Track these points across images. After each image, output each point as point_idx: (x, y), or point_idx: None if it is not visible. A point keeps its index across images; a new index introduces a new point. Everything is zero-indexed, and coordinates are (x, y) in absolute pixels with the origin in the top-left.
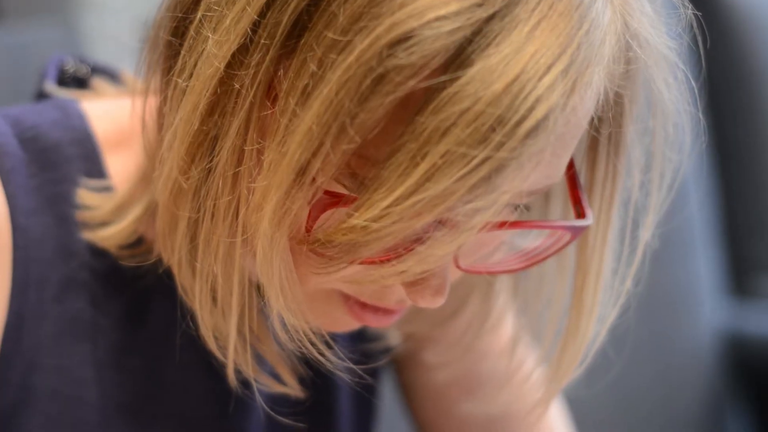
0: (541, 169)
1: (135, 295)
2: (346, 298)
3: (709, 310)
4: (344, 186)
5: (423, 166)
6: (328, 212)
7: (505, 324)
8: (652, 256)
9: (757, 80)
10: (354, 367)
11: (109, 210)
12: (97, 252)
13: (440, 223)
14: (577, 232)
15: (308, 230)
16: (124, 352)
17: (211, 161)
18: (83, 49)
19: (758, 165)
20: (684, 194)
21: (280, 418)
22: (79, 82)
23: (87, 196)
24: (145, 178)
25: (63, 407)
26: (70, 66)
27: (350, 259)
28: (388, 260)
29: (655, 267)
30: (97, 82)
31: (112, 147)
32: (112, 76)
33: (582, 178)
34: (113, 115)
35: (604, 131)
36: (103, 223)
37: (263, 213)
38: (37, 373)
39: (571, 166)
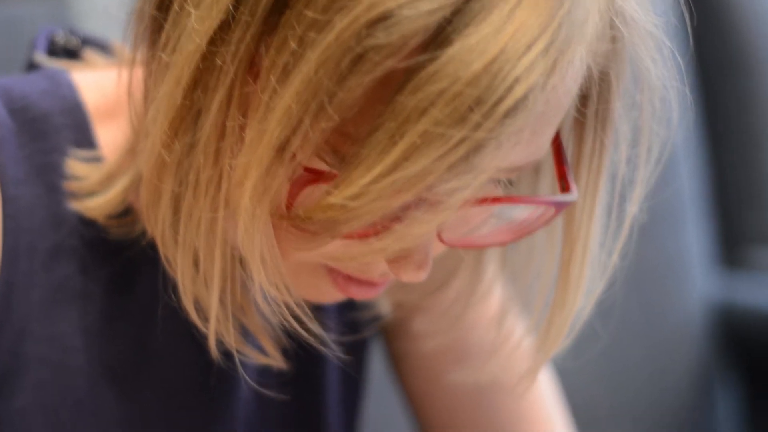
0: (521, 147)
1: (123, 263)
2: (331, 271)
3: (699, 281)
4: (326, 162)
5: (401, 146)
6: (309, 189)
7: (494, 294)
8: (641, 229)
9: (747, 54)
10: (340, 339)
11: (97, 180)
12: (86, 221)
13: (419, 202)
14: (560, 206)
15: (288, 207)
16: (112, 319)
17: (193, 136)
18: (75, 23)
19: (749, 137)
20: (673, 167)
21: (264, 390)
22: (70, 54)
23: (76, 166)
24: (133, 149)
25: (53, 374)
26: (61, 37)
27: (330, 236)
28: (368, 237)
29: (644, 240)
30: (88, 53)
31: (102, 117)
32: (103, 48)
33: (569, 153)
34: (103, 86)
35: (591, 108)
36: (91, 193)
37: (244, 189)
38: (27, 341)
39: (557, 140)
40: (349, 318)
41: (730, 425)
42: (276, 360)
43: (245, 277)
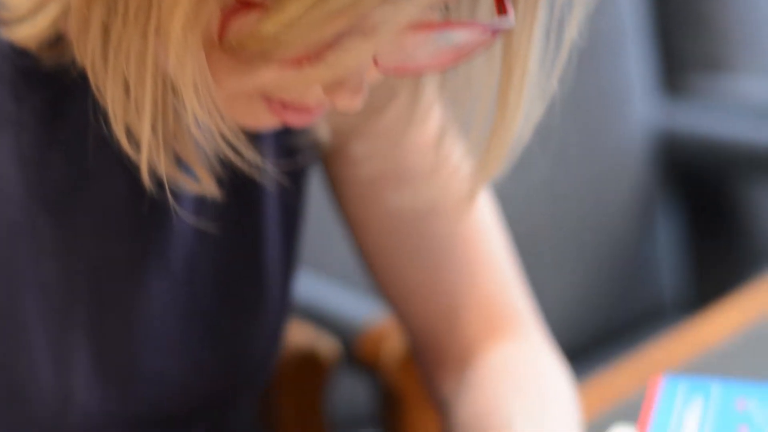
0: None
1: (55, 91)
2: (267, 99)
3: (640, 108)
4: None
5: None
6: (240, 18)
7: (433, 117)
8: (580, 54)
9: None
10: (278, 167)
11: (27, 8)
12: (18, 50)
13: (353, 30)
14: (497, 30)
15: (220, 36)
16: (45, 147)
17: None
18: None
19: None
20: None
21: (200, 221)
22: None
23: None
24: None
25: None
26: None
27: (263, 63)
28: (302, 65)
29: (584, 65)
30: None
31: None
32: None
33: None
34: None
35: None
36: (22, 21)
37: (175, 17)
38: None
39: None
40: (287, 145)
41: (671, 250)
42: (210, 188)
43: (178, 105)
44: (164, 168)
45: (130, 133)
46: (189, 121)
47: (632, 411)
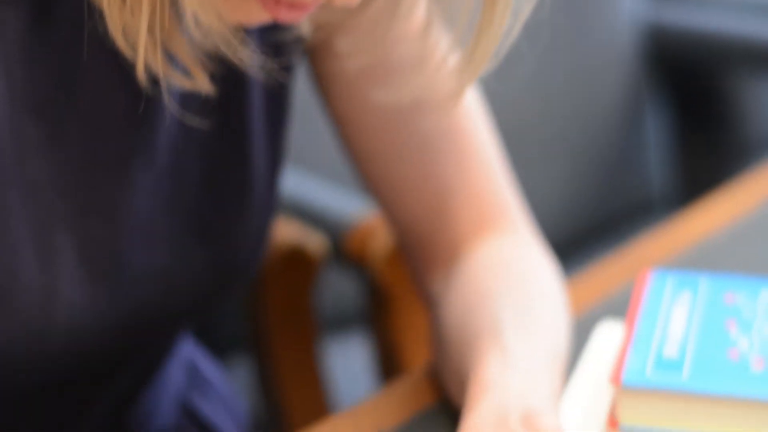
0: None
1: None
2: None
3: (629, 2)
4: None
5: None
6: None
7: (418, 11)
8: None
9: None
10: (265, 63)
11: None
12: None
13: None
14: None
15: None
16: (34, 49)
17: None
18: None
19: None
20: None
21: (188, 116)
22: None
23: None
24: None
25: None
26: None
27: None
28: None
29: None
30: None
31: None
32: None
33: None
34: None
35: None
36: None
37: None
38: None
39: None
40: (272, 41)
41: (660, 145)
42: (203, 84)
43: (174, 3)
44: (160, 67)
45: (125, 33)
46: (188, 19)
47: (620, 306)
